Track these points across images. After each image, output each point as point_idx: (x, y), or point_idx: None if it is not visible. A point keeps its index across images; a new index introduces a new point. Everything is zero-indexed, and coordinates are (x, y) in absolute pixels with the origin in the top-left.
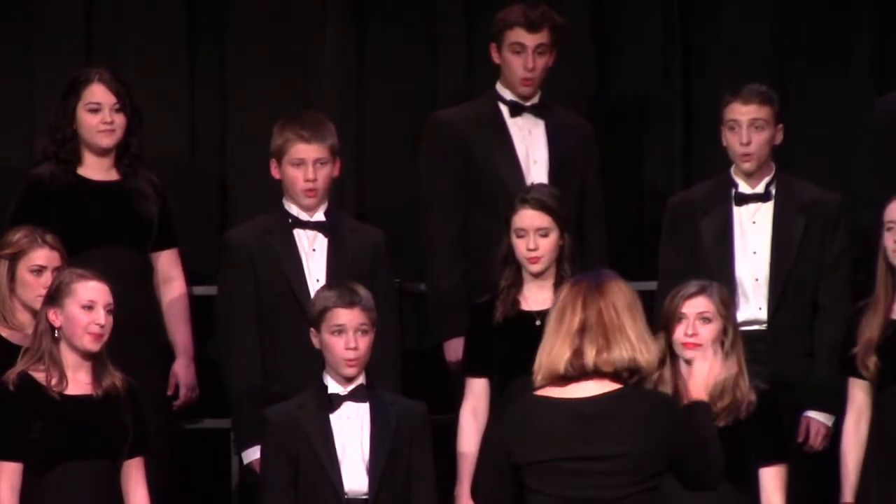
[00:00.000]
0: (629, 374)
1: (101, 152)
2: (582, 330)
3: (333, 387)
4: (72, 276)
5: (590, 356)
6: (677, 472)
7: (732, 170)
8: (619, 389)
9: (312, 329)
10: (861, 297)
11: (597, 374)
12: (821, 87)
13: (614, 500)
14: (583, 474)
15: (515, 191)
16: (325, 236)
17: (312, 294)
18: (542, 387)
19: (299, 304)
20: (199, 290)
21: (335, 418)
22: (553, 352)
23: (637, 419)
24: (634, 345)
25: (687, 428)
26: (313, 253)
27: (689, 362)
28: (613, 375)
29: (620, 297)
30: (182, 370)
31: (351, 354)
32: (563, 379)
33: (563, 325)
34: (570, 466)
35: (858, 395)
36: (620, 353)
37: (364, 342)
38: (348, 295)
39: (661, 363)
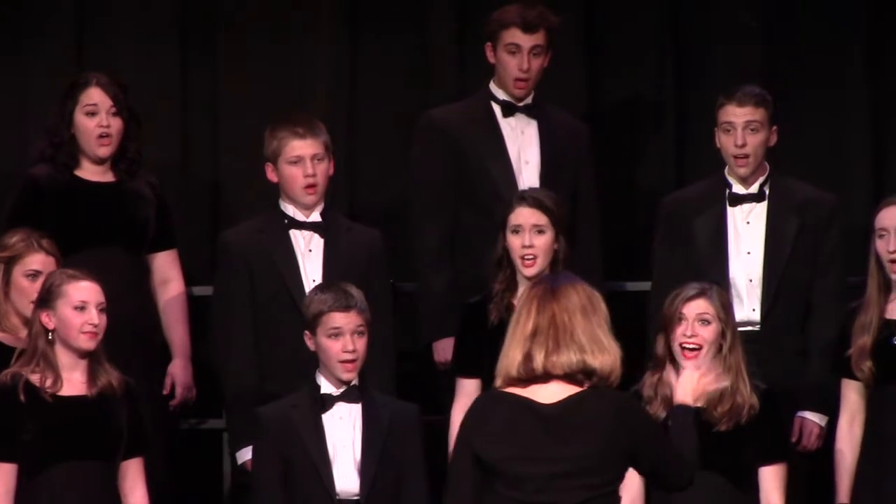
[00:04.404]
0: (584, 377)
1: (98, 160)
2: (534, 334)
3: (326, 387)
4: (62, 277)
5: (538, 360)
6: (642, 471)
7: (726, 170)
8: (578, 393)
9: (307, 332)
10: (857, 297)
11: (547, 376)
12: (815, 89)
13: None
14: (542, 478)
15: (506, 191)
16: (321, 237)
17: None
18: (502, 388)
19: (295, 305)
20: (192, 290)
21: (327, 418)
22: (507, 356)
23: (596, 422)
24: (585, 347)
25: (653, 429)
26: (309, 254)
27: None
28: (566, 378)
29: (574, 300)
30: (178, 371)
31: (348, 356)
32: (519, 381)
33: (517, 330)
34: (528, 469)
35: (852, 396)
36: (569, 357)
37: (361, 344)
38: (344, 298)
39: (662, 365)
